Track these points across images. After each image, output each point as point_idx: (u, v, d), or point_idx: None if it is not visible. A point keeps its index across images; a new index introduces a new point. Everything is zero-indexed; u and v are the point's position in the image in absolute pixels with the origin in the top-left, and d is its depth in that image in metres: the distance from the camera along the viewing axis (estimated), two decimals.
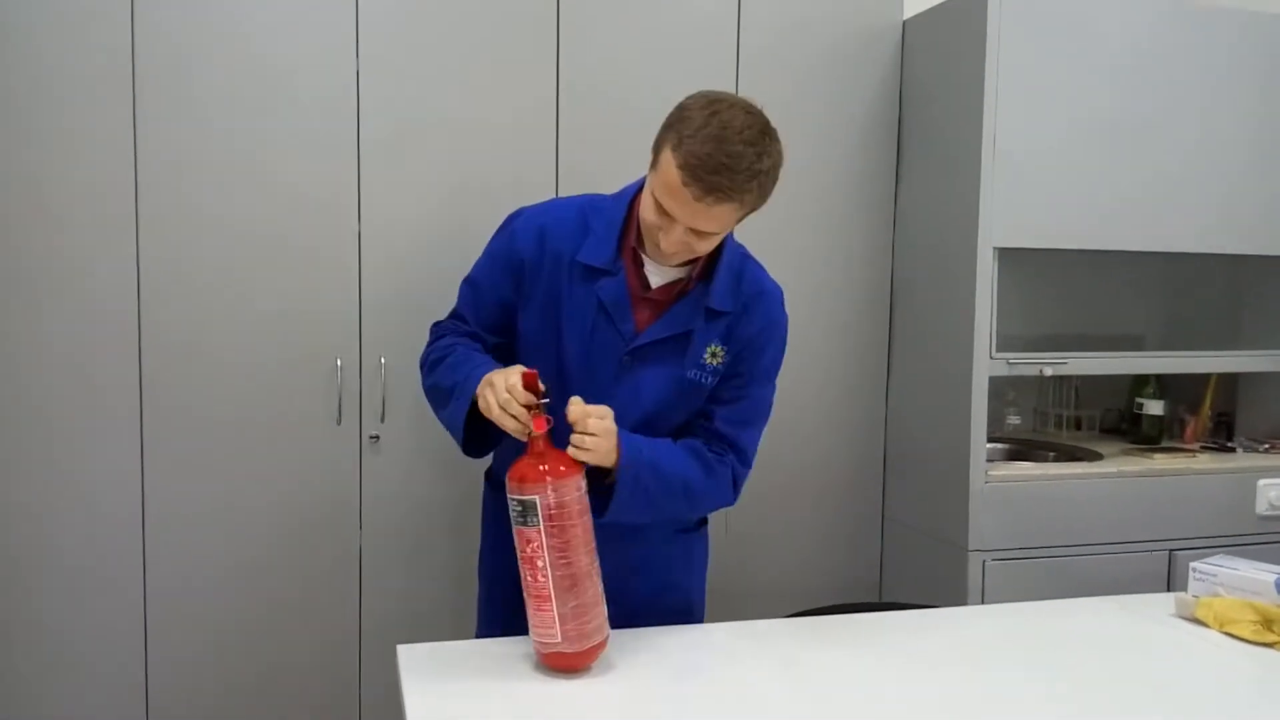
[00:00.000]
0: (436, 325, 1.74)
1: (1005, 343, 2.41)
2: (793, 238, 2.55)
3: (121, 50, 2.10)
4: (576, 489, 1.37)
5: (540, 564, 1.35)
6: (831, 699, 1.34)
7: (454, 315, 1.72)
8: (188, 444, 2.19)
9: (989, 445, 2.42)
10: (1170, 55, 2.44)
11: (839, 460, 2.65)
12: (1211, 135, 2.49)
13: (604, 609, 1.40)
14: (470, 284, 1.69)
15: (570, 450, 1.39)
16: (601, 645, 1.40)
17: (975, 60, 2.33)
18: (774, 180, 1.43)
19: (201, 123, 2.15)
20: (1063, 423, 2.89)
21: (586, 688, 1.35)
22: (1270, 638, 1.57)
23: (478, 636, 1.77)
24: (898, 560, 2.65)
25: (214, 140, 2.16)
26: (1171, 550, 2.47)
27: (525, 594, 1.38)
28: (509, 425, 1.39)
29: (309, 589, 2.28)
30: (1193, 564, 1.73)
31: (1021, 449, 2.72)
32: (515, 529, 1.37)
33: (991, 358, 2.37)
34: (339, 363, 2.24)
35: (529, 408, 1.38)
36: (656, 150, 1.44)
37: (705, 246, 1.47)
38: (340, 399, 2.26)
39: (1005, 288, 2.39)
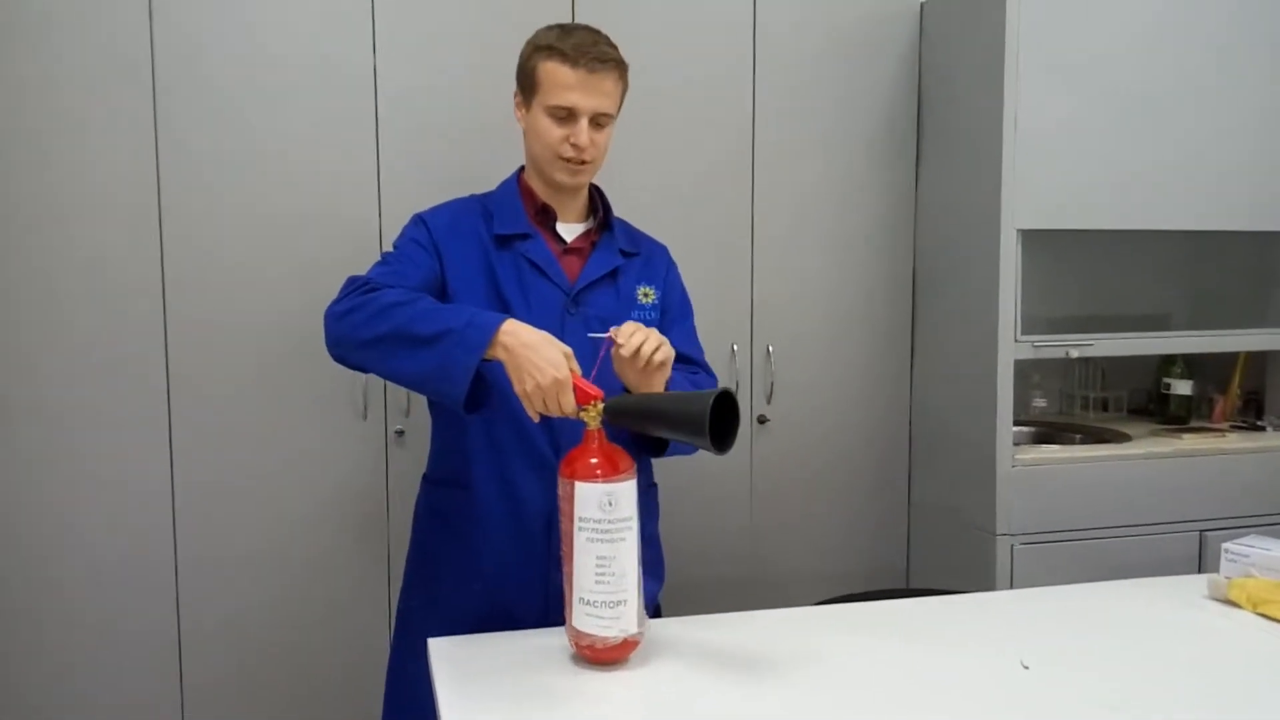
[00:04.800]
0: (357, 279, 1.57)
1: (1030, 325, 2.39)
2: (814, 222, 2.55)
3: (140, 40, 2.12)
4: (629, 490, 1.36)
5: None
6: (860, 687, 1.34)
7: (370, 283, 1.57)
8: (213, 441, 2.22)
9: (1015, 428, 2.40)
10: (1192, 30, 2.40)
11: (864, 445, 2.64)
12: (1236, 111, 2.46)
13: (641, 603, 1.40)
14: (388, 264, 1.61)
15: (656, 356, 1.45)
16: (637, 640, 1.40)
17: (995, 39, 2.30)
18: None
19: (221, 111, 2.17)
20: (1089, 404, 2.86)
21: (620, 680, 1.35)
22: None
23: (392, 665, 1.79)
24: (925, 545, 2.64)
25: (234, 129, 2.18)
26: (1202, 531, 2.45)
27: (568, 585, 1.38)
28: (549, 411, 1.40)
29: (337, 585, 2.30)
30: (1224, 545, 1.72)
31: (1048, 431, 2.70)
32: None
33: (1016, 340, 2.35)
34: None
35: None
36: (530, 74, 1.63)
37: (604, 140, 1.65)
38: (365, 394, 2.27)
39: (1029, 270, 2.37)
